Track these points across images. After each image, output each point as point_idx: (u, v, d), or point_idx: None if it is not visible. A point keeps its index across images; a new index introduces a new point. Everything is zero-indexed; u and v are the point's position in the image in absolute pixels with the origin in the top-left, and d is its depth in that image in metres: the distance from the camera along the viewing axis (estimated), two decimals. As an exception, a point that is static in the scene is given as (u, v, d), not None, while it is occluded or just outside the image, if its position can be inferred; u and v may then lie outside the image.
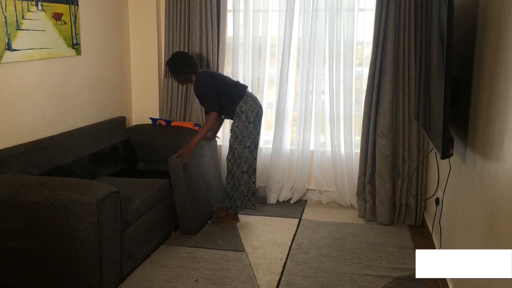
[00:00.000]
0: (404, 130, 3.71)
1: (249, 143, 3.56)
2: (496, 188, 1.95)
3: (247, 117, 3.51)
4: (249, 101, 3.52)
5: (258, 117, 3.57)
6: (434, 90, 2.47)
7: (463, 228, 2.51)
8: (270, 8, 4.06)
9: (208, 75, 3.64)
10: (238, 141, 3.54)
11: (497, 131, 1.96)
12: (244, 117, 3.51)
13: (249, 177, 3.61)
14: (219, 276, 2.91)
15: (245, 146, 3.55)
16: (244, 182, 3.61)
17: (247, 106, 3.51)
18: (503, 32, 1.98)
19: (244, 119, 3.51)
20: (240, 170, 3.59)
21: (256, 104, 3.56)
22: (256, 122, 3.56)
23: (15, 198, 2.52)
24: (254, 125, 3.55)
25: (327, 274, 2.95)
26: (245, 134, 3.53)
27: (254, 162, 3.62)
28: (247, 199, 3.65)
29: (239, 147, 3.55)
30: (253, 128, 3.55)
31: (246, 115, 3.51)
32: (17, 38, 2.98)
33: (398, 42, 3.62)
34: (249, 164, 3.59)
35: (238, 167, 3.59)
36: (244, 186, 3.62)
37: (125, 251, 2.77)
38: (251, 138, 3.56)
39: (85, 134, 3.53)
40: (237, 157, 3.57)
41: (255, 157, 3.63)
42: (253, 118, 3.53)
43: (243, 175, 3.60)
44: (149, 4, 4.20)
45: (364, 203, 3.87)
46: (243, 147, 3.55)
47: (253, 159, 3.61)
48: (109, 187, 2.60)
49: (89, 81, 3.73)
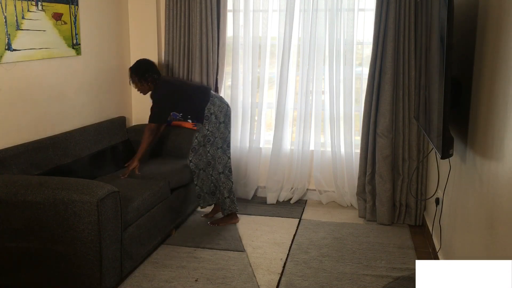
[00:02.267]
0: (404, 130, 3.71)
1: (221, 143, 3.56)
2: (496, 188, 1.95)
3: (217, 117, 3.51)
4: (216, 102, 3.52)
5: (227, 116, 3.57)
6: (434, 90, 2.47)
7: (463, 228, 2.51)
8: (270, 8, 4.06)
9: (168, 85, 3.61)
10: (210, 144, 3.53)
11: (497, 131, 1.96)
12: (214, 118, 3.51)
13: (226, 178, 3.60)
14: (219, 276, 2.91)
15: (217, 147, 3.55)
16: (223, 183, 3.60)
17: (215, 107, 3.51)
18: (503, 32, 1.98)
19: (215, 120, 3.51)
20: (216, 172, 3.59)
21: (223, 103, 3.56)
22: (226, 121, 3.57)
23: (15, 198, 2.52)
24: (225, 124, 3.56)
25: (327, 274, 2.95)
26: (217, 135, 3.53)
27: (228, 161, 3.61)
28: (230, 202, 3.63)
29: (212, 149, 3.55)
30: (224, 127, 3.56)
31: (216, 116, 3.51)
32: (17, 38, 2.98)
33: (398, 42, 3.62)
34: (223, 165, 3.59)
35: (213, 169, 3.59)
36: (223, 187, 3.60)
37: (125, 251, 2.77)
38: (222, 138, 3.56)
39: (85, 134, 3.53)
40: (211, 159, 3.57)
41: (229, 157, 3.63)
42: (223, 118, 3.54)
43: (219, 176, 3.59)
44: (149, 4, 4.20)
45: (364, 203, 3.87)
46: (215, 148, 3.55)
47: (227, 159, 3.60)
48: (109, 187, 2.60)
49: (89, 81, 3.73)
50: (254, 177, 4.28)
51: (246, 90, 4.18)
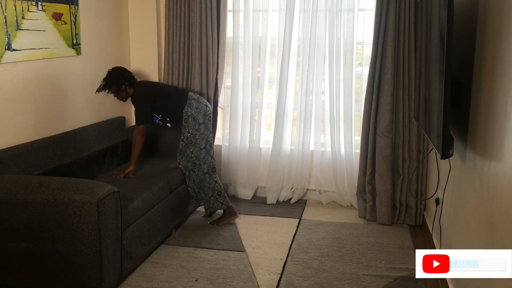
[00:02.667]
0: (404, 130, 3.71)
1: (204, 143, 3.56)
2: (496, 188, 1.95)
3: (195, 119, 3.52)
4: (193, 104, 3.53)
5: (207, 116, 3.57)
6: (434, 90, 2.47)
7: (463, 228, 2.51)
8: (270, 8, 4.06)
9: (145, 86, 3.66)
10: (193, 145, 3.54)
11: (497, 131, 1.96)
12: (192, 121, 3.52)
13: (210, 177, 3.61)
14: (219, 276, 2.91)
15: (200, 147, 3.56)
16: (207, 183, 3.61)
17: (192, 109, 3.52)
18: (503, 32, 1.98)
19: (193, 123, 3.52)
20: (201, 172, 3.60)
21: (201, 104, 3.55)
22: (206, 122, 3.56)
23: (15, 198, 2.52)
24: (205, 125, 3.56)
25: (327, 274, 2.95)
26: (197, 136, 3.54)
27: (212, 161, 3.62)
28: (214, 200, 3.63)
29: (195, 150, 3.55)
30: (205, 128, 3.56)
31: (194, 118, 3.52)
32: (17, 38, 2.98)
33: (398, 42, 3.62)
34: (208, 164, 3.60)
35: (198, 169, 3.60)
36: (208, 187, 3.61)
37: (125, 251, 2.77)
38: (204, 139, 3.56)
39: (85, 134, 3.53)
40: (195, 160, 3.58)
41: (212, 156, 3.63)
42: (202, 119, 3.54)
43: (204, 176, 3.60)
44: (149, 4, 4.20)
45: (364, 203, 3.87)
46: (198, 149, 3.56)
47: (211, 159, 3.61)
48: (109, 187, 2.60)
49: (89, 81, 3.73)
50: (254, 177, 4.28)
51: (246, 90, 4.18)
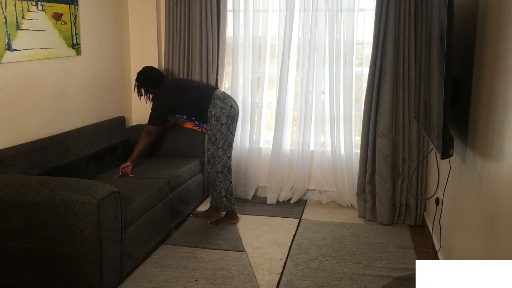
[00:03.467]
0: (404, 130, 3.71)
1: (222, 143, 3.57)
2: (496, 188, 1.95)
3: (218, 120, 3.52)
4: (217, 104, 3.53)
5: (230, 117, 3.56)
6: (434, 90, 2.47)
7: (463, 228, 2.51)
8: (270, 8, 4.05)
9: (170, 90, 3.67)
10: (212, 143, 3.57)
11: (497, 131, 1.96)
12: (215, 121, 3.53)
13: (224, 177, 3.62)
14: (219, 276, 2.91)
15: (218, 146, 3.57)
16: (220, 183, 3.62)
17: (216, 109, 3.52)
18: (503, 32, 1.98)
19: (215, 123, 3.53)
20: (215, 170, 3.61)
21: (225, 105, 3.54)
22: (229, 123, 3.56)
23: (15, 198, 2.52)
24: (227, 126, 3.56)
25: (327, 274, 2.95)
26: (218, 136, 3.55)
27: (228, 161, 3.63)
28: (227, 201, 3.65)
29: (212, 148, 3.58)
30: (226, 129, 3.56)
31: (217, 118, 3.52)
32: (17, 38, 2.98)
33: (398, 42, 3.62)
34: (223, 164, 3.61)
35: (212, 167, 3.62)
36: (221, 186, 3.63)
37: (125, 251, 2.77)
38: (224, 139, 3.57)
39: (85, 134, 3.53)
40: (211, 158, 3.60)
41: (229, 157, 3.64)
42: (225, 120, 3.54)
43: (218, 175, 3.61)
44: (149, 4, 4.20)
45: (364, 203, 3.87)
46: (216, 147, 3.57)
47: (227, 159, 3.62)
48: (109, 187, 2.60)
49: (89, 81, 3.73)
50: (254, 177, 4.28)
51: (246, 90, 4.18)
